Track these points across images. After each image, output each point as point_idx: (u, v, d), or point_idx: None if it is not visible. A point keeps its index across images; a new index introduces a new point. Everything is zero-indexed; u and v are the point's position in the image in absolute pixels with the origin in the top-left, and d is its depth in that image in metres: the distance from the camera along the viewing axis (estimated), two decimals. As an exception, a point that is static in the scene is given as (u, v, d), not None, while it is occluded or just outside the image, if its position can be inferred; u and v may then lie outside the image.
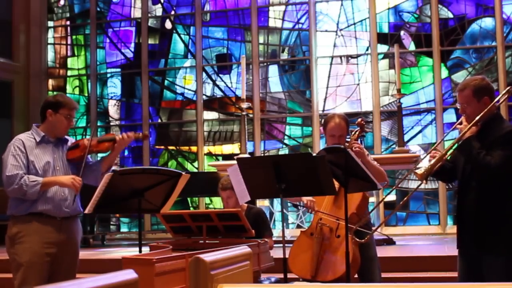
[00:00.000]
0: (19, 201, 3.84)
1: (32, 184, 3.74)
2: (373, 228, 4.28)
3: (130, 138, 4.08)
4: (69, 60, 11.26)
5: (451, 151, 3.66)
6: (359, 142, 4.20)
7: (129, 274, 1.67)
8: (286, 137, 10.13)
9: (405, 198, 4.62)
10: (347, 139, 4.24)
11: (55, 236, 3.85)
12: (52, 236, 3.84)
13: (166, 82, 10.72)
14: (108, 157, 4.06)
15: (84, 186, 3.95)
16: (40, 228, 3.81)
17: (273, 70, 10.27)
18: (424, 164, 3.63)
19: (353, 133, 4.28)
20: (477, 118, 3.47)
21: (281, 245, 3.77)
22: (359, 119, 4.33)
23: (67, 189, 3.90)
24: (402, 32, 9.80)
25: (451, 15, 9.65)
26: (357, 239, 3.90)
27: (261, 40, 10.31)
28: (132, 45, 10.93)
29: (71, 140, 4.13)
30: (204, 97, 10.43)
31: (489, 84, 3.61)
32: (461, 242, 3.63)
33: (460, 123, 3.62)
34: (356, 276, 4.11)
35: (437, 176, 3.84)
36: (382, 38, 9.81)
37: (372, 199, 8.52)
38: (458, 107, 3.65)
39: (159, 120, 10.72)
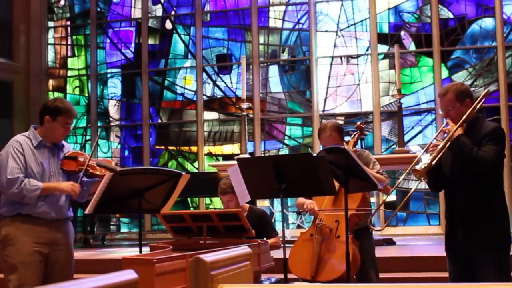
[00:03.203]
0: (9, 202, 3.82)
1: (32, 188, 3.72)
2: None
3: None
4: (69, 60, 11.25)
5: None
6: (358, 145, 4.21)
7: (129, 274, 1.67)
8: (286, 137, 10.13)
9: (405, 198, 4.60)
10: (346, 141, 4.26)
11: (46, 236, 3.83)
12: (43, 235, 3.82)
13: (166, 82, 10.71)
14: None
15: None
16: (30, 228, 3.79)
17: (273, 70, 10.27)
18: (425, 160, 3.64)
19: (352, 136, 4.29)
20: (464, 117, 3.57)
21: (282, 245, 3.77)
22: (358, 123, 4.35)
23: (59, 195, 3.89)
24: (402, 32, 9.79)
25: (451, 15, 9.64)
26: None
27: (261, 40, 10.31)
28: (132, 45, 10.93)
29: (67, 146, 4.10)
30: (204, 97, 10.43)
31: (468, 88, 3.79)
32: (450, 241, 3.64)
33: (446, 125, 3.69)
34: (354, 277, 4.11)
35: (429, 177, 3.74)
36: (382, 38, 9.81)
37: (371, 200, 8.53)
38: (441, 112, 3.74)
39: (159, 120, 10.71)
